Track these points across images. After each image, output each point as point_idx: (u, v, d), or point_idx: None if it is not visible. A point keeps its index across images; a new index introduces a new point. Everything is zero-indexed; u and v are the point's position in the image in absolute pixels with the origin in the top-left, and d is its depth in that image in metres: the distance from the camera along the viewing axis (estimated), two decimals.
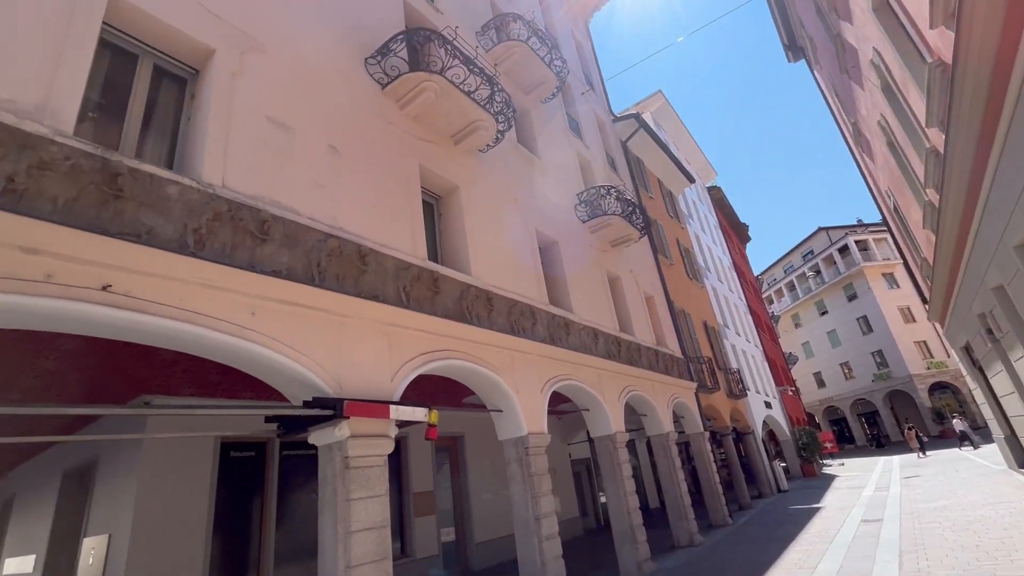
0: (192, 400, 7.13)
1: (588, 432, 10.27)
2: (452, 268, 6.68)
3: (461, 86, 7.00)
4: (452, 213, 7.40)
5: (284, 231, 4.56)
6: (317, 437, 4.53)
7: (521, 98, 10.72)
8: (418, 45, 7.04)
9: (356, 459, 4.38)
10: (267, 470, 8.14)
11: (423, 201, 6.81)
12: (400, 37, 6.80)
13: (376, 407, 4.46)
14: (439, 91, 6.73)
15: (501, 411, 6.80)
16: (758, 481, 18.29)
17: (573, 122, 13.74)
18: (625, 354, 10.32)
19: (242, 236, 4.22)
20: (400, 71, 6.72)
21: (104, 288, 3.31)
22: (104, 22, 4.09)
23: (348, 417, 4.23)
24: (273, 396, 7.25)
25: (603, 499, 16.52)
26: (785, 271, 52.36)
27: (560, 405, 12.00)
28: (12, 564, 9.89)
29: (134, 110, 4.42)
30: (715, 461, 13.72)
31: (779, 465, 19.36)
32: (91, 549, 7.09)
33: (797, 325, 48.24)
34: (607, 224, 11.32)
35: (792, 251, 52.45)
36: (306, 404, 4.27)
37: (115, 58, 4.42)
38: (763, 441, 19.98)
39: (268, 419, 4.52)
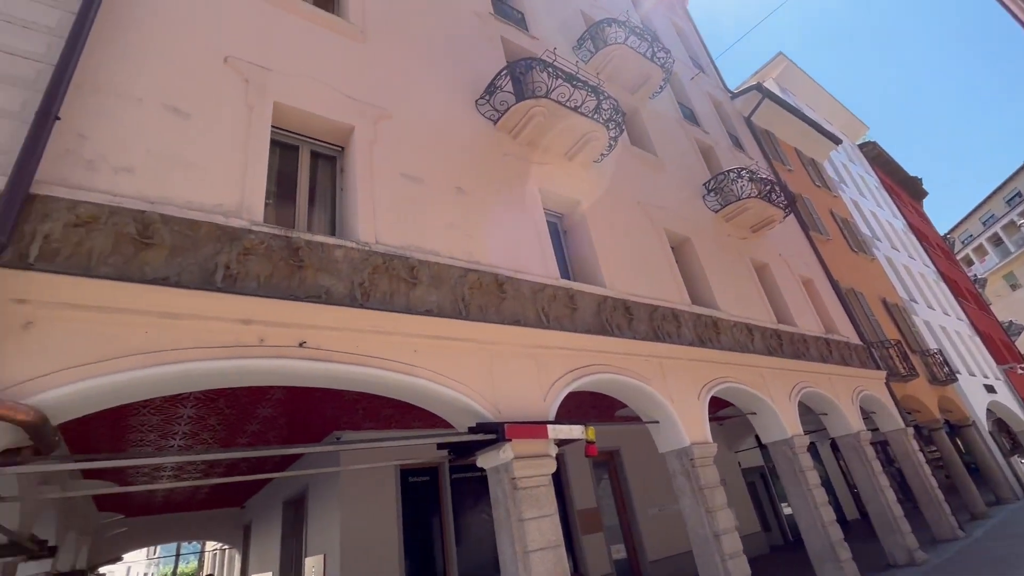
0: (373, 433, 8.04)
1: (757, 437, 9.35)
2: (585, 282, 6.68)
3: (567, 103, 7.09)
4: (577, 228, 7.44)
5: (430, 273, 4.99)
6: (484, 460, 4.78)
7: (628, 99, 10.49)
8: (521, 75, 7.32)
9: (523, 479, 4.53)
10: (441, 492, 8.80)
11: (548, 222, 6.95)
12: (503, 73, 7.14)
13: (534, 428, 4.58)
14: (547, 113, 6.90)
15: (657, 422, 6.53)
16: (992, 483, 14.88)
17: (686, 110, 13.03)
18: (789, 348, 9.27)
19: (397, 283, 4.72)
20: (508, 104, 7.04)
21: (301, 344, 3.93)
22: (272, 126, 4.94)
23: (510, 439, 4.40)
24: (439, 424, 7.89)
25: (787, 511, 14.79)
26: (983, 223, 42.89)
27: (720, 411, 11.14)
28: None
29: (301, 191, 5.25)
30: (927, 462, 11.49)
31: (1020, 462, 15.56)
32: (312, 567, 8.28)
33: (1013, 286, 38.98)
34: (743, 209, 10.41)
35: (990, 197, 42.86)
36: (471, 430, 4.56)
37: (282, 152, 5.31)
38: (991, 434, 16.26)
39: (440, 446, 4.90)
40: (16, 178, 3.24)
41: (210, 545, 22.99)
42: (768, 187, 10.87)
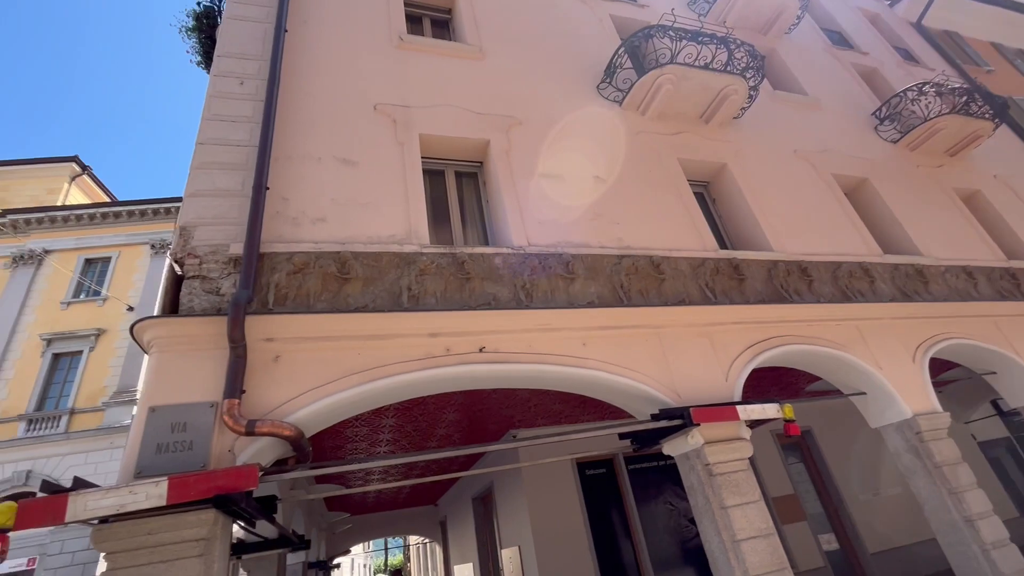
0: (547, 429, 8.31)
1: (994, 403, 7.63)
2: (748, 249, 6.12)
3: (694, 64, 6.59)
4: (728, 193, 6.85)
5: (584, 266, 5.00)
6: (671, 447, 4.62)
7: (762, 41, 9.41)
8: (638, 48, 7.00)
9: (718, 465, 4.27)
10: (620, 484, 8.73)
11: (695, 193, 6.52)
12: (619, 51, 6.90)
13: (722, 410, 4.30)
14: (675, 79, 6.49)
15: (864, 393, 5.69)
16: None
17: (834, 34, 11.26)
18: None
19: (555, 281, 4.81)
20: (631, 81, 6.78)
21: (480, 350, 4.21)
22: (421, 156, 5.41)
23: (697, 424, 4.19)
24: (612, 416, 7.87)
25: None
26: None
27: (940, 375, 9.35)
28: (460, 570, 13.12)
29: (453, 210, 5.65)
30: None
31: None
32: (508, 558, 8.81)
33: None
34: (932, 131, 8.62)
35: None
36: (653, 417, 4.44)
37: (432, 178, 5.77)
38: None
39: (622, 436, 4.86)
40: (249, 243, 4.00)
41: (412, 539, 25.89)
42: (964, 97, 8.85)
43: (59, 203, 19.33)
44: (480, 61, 6.57)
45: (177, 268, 4.04)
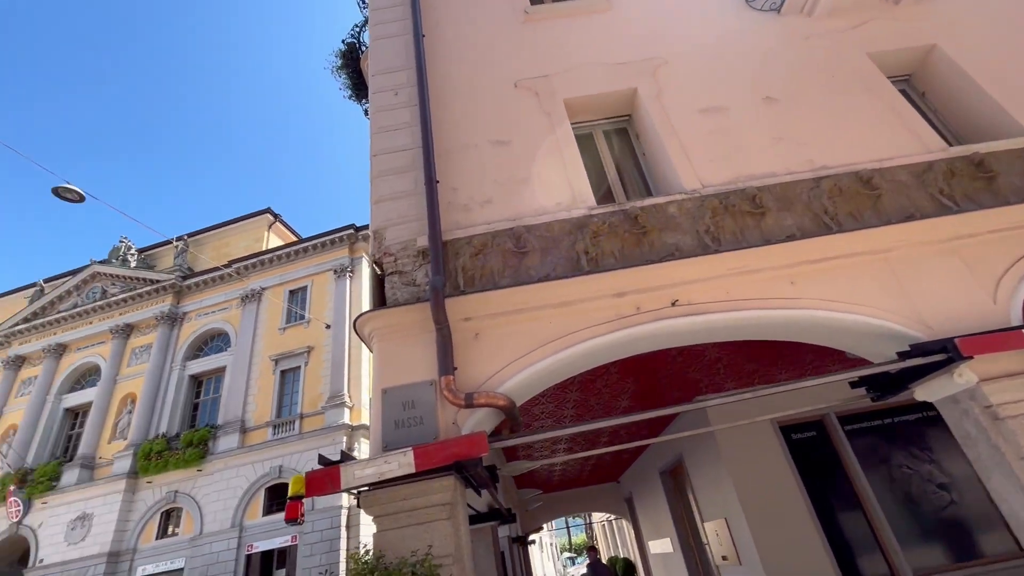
0: (738, 393, 7.62)
1: None
2: (991, 138, 4.82)
3: None
4: (943, 79, 5.50)
5: (774, 197, 4.39)
6: (927, 391, 3.82)
7: None
8: None
9: (1005, 407, 3.40)
10: (836, 447, 7.65)
11: (898, 90, 5.36)
12: None
13: (1003, 337, 3.40)
14: None
15: None
16: None
17: None
18: None
19: (743, 218, 4.30)
20: None
21: (673, 304, 3.92)
22: (571, 124, 5.26)
23: (968, 357, 3.38)
24: (812, 371, 6.90)
25: None
26: None
27: None
28: (656, 545, 12.86)
29: (608, 169, 5.40)
30: None
31: None
32: (715, 532, 8.32)
33: None
34: None
35: None
36: (901, 355, 3.70)
37: (581, 143, 5.59)
38: None
39: (854, 384, 4.17)
40: (432, 234, 4.24)
41: (596, 517, 26.29)
42: None
43: (263, 248, 23.39)
44: (608, 12, 6.19)
45: (377, 269, 4.46)
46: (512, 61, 5.74)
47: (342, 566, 15.34)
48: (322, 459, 3.26)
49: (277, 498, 17.05)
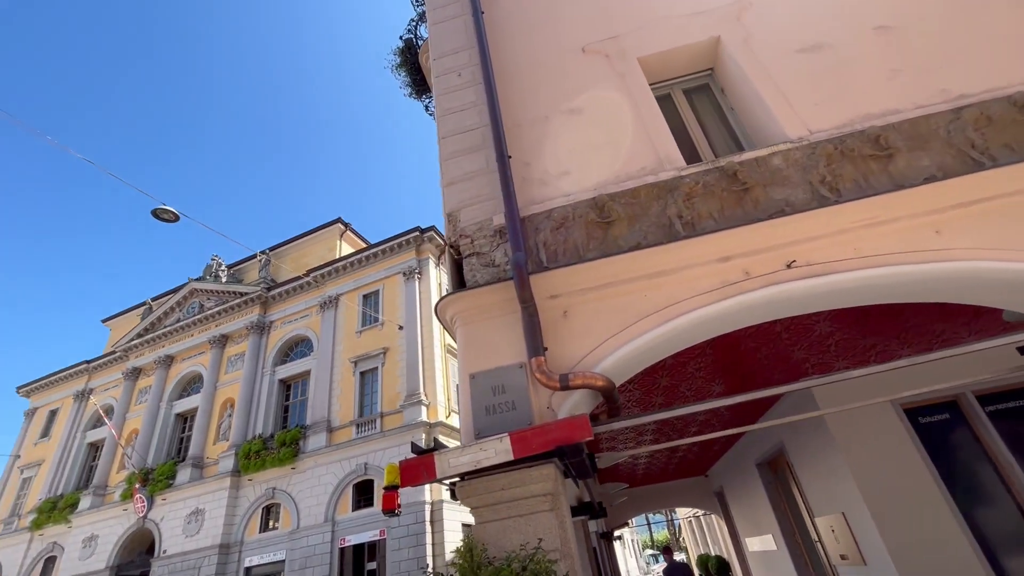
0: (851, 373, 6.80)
1: None
2: None
3: None
4: None
5: (902, 135, 3.75)
6: None
7: None
8: None
9: None
10: (976, 430, 6.63)
11: None
12: None
13: None
14: None
15: None
16: None
17: None
18: None
19: (864, 163, 3.70)
20: None
21: (789, 266, 3.43)
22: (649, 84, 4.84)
23: None
24: (938, 344, 5.98)
25: None
26: None
27: None
28: (754, 543, 11.97)
29: (692, 130, 4.92)
30: None
31: None
32: (829, 528, 7.50)
33: None
34: None
35: None
36: None
37: (660, 105, 5.14)
38: None
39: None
40: (508, 210, 4.00)
41: (681, 513, 25.20)
42: None
43: (336, 256, 24.45)
44: None
45: (454, 252, 4.29)
46: (577, 26, 5.38)
47: (429, 561, 15.64)
48: (415, 448, 3.11)
49: (364, 494, 17.70)
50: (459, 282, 4.13)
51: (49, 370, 29.52)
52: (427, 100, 9.75)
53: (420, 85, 9.53)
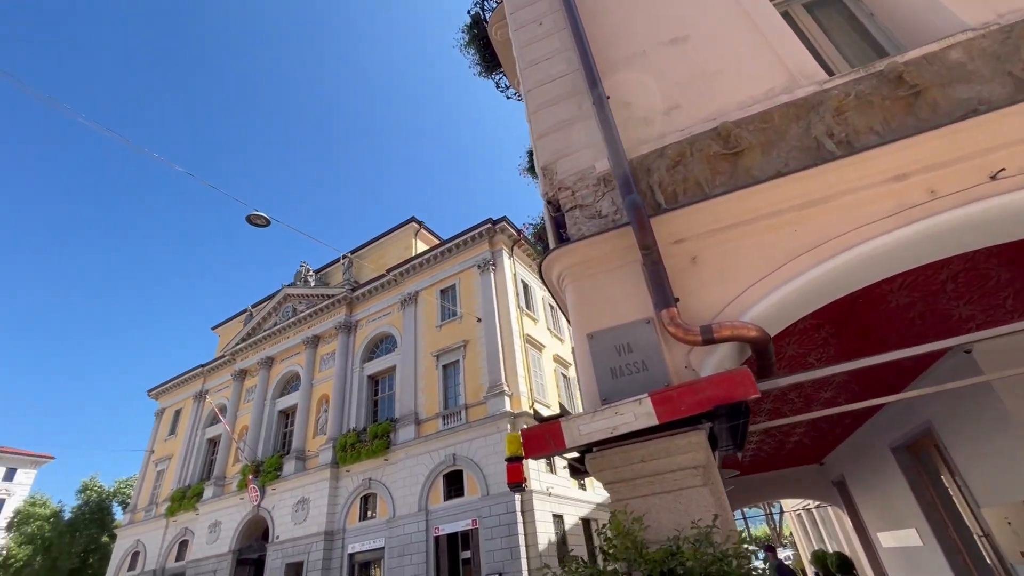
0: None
1: None
2: None
3: None
4: None
5: None
6: None
7: None
8: None
9: None
10: None
11: None
12: None
13: None
14: None
15: None
16: None
17: None
18: None
19: None
20: None
21: (994, 176, 2.67)
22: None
23: None
24: None
25: None
26: None
27: None
28: (890, 537, 10.57)
29: (821, 45, 4.16)
30: None
31: None
32: (1003, 520, 6.31)
33: None
34: None
35: None
36: None
37: None
38: None
39: None
40: (613, 155, 3.52)
41: (788, 505, 23.29)
42: None
43: (413, 254, 25.01)
44: None
45: (551, 209, 3.88)
46: None
47: (522, 551, 15.49)
48: (539, 416, 2.74)
49: (454, 484, 17.90)
50: (559, 240, 3.72)
51: (172, 374, 32.85)
52: (498, 76, 9.44)
53: (490, 61, 9.24)
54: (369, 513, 19.76)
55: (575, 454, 2.85)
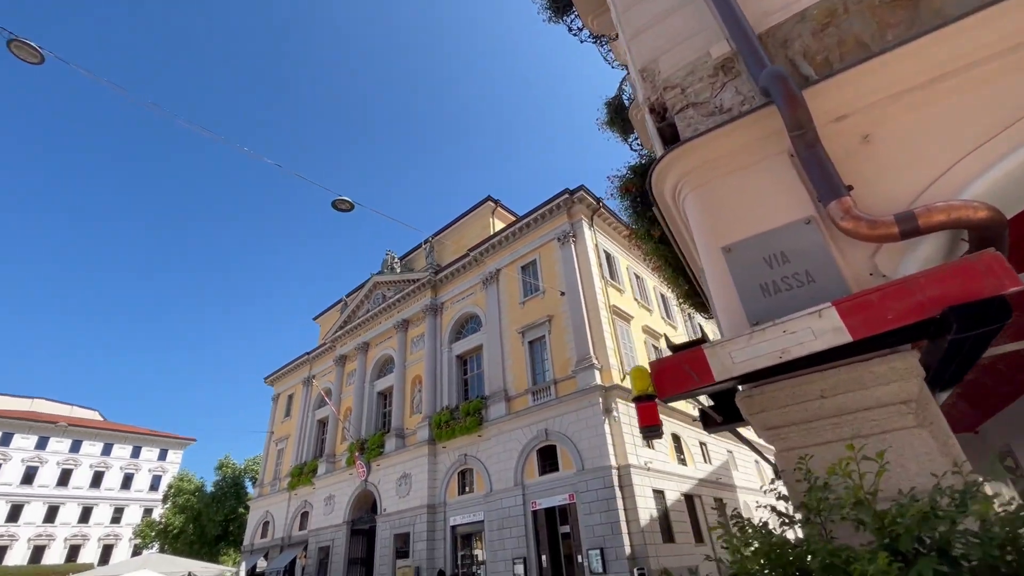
0: None
1: None
2: None
3: None
4: None
5: None
6: None
7: None
8: None
9: None
10: None
11: None
12: None
13: None
14: None
15: None
16: None
17: None
18: None
19: None
20: None
21: None
22: None
23: None
24: None
25: None
26: None
27: None
28: None
29: None
30: None
31: None
32: None
33: None
34: None
35: None
36: None
37: None
38: None
39: None
40: (735, 29, 2.79)
41: None
42: None
43: (491, 233, 24.91)
44: None
45: (655, 118, 3.22)
46: None
47: (623, 527, 14.97)
48: (672, 344, 2.17)
49: (549, 459, 17.70)
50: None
51: (284, 362, 35.87)
52: (571, 18, 8.71)
53: (561, 2, 8.54)
54: (467, 488, 20.21)
55: (708, 401, 2.24)
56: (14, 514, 43.23)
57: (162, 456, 53.24)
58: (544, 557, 16.84)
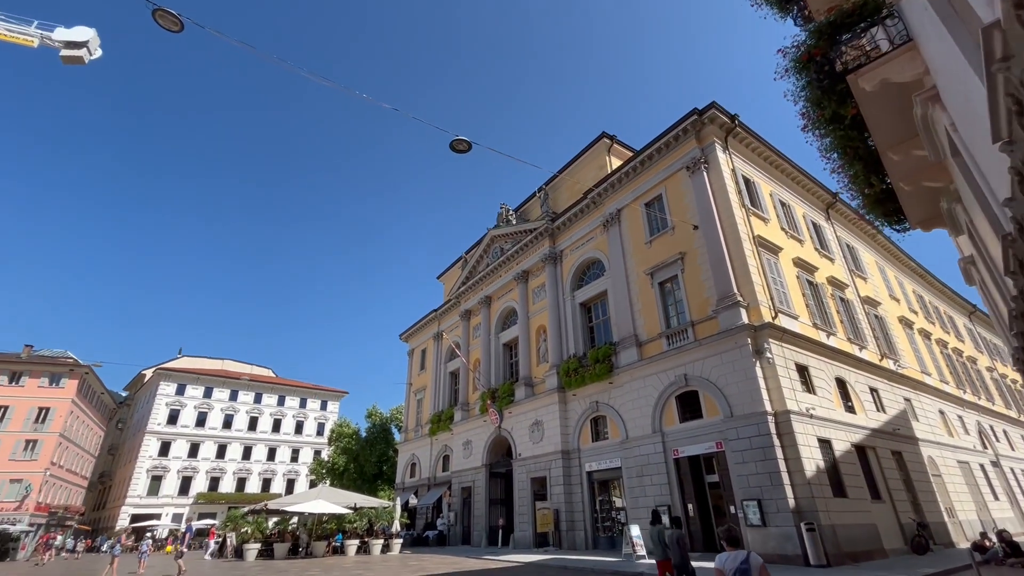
0: None
1: None
2: None
3: None
4: None
5: None
6: None
7: None
8: None
9: None
10: None
11: None
12: None
13: None
14: None
15: None
16: None
17: None
18: None
19: None
20: None
21: None
22: None
23: None
24: None
25: None
26: None
27: None
28: None
29: None
30: None
31: None
32: None
33: None
34: None
35: None
36: None
37: None
38: None
39: None
40: None
41: None
42: None
43: (608, 172, 23.29)
44: None
45: None
46: None
47: (784, 478, 13.39)
48: None
49: (690, 406, 16.46)
50: None
51: (415, 319, 38.21)
52: None
53: None
54: (601, 434, 19.78)
55: None
56: (220, 452, 52.74)
57: (323, 407, 61.18)
58: (691, 506, 15.89)
